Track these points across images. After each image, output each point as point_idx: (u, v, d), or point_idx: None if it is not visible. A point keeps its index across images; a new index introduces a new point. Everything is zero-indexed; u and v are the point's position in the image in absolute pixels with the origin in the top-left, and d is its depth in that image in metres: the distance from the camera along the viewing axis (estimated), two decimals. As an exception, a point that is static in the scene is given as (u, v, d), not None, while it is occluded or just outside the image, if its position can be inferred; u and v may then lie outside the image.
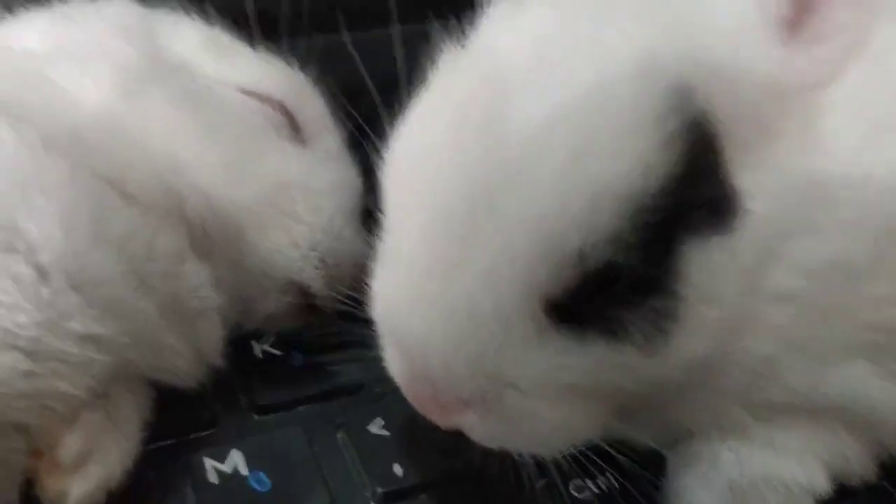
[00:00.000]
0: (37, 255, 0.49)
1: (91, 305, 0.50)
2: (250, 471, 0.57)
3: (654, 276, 0.46)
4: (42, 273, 0.49)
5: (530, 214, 0.45)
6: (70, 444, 0.51)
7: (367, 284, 0.54)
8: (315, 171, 0.62)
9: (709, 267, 0.47)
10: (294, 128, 0.64)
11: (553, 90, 0.46)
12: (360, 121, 0.62)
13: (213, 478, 0.56)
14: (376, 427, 0.60)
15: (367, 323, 0.54)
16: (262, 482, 0.56)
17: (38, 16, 0.63)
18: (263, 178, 0.60)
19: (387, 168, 0.52)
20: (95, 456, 0.52)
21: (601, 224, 0.44)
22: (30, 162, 0.51)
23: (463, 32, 0.53)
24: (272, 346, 0.66)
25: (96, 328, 0.50)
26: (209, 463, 0.57)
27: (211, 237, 0.58)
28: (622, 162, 0.45)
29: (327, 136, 0.66)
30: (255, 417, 0.61)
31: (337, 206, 0.63)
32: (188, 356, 0.57)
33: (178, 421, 0.59)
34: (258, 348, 0.65)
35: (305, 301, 0.62)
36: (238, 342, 0.63)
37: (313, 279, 0.61)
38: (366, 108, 0.63)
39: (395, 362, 0.52)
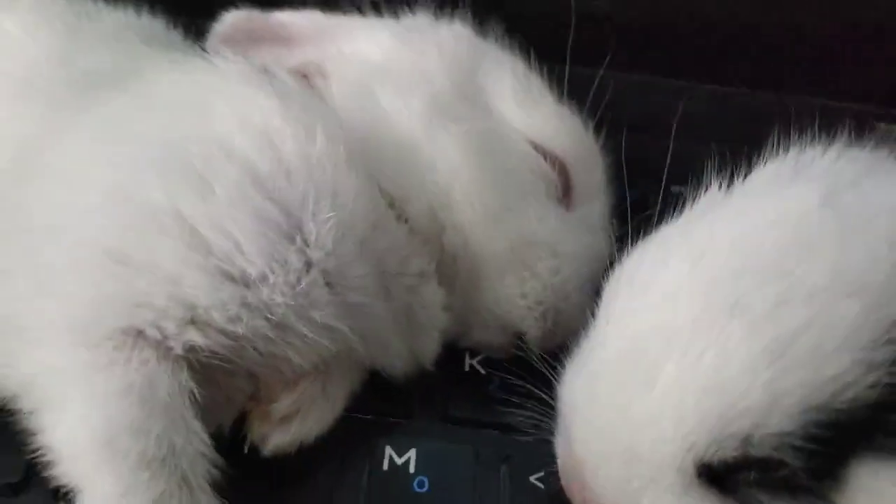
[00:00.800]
0: (308, 251, 0.58)
1: (337, 303, 0.59)
2: (416, 471, 0.65)
3: (816, 482, 0.48)
4: (307, 266, 0.58)
5: (713, 385, 0.48)
6: (284, 403, 0.61)
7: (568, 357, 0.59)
8: (568, 237, 0.67)
9: (874, 488, 0.48)
10: (566, 190, 0.68)
11: (784, 281, 0.48)
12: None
13: (385, 464, 0.65)
14: (535, 477, 0.66)
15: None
16: (422, 486, 0.64)
17: (382, 26, 0.72)
18: (519, 232, 0.65)
19: (614, 276, 0.56)
20: (300, 416, 0.62)
21: (778, 421, 0.47)
22: (329, 172, 0.60)
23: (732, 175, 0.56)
24: (480, 363, 0.73)
25: (335, 322, 0.59)
26: (389, 450, 0.66)
27: (456, 269, 0.65)
28: (823, 372, 0.46)
29: (595, 204, 0.70)
30: (441, 424, 0.69)
31: (575, 272, 0.67)
32: (405, 358, 0.66)
33: (380, 402, 0.68)
34: (468, 362, 0.72)
35: (517, 344, 0.68)
36: (452, 349, 0.70)
37: (531, 329, 0.67)
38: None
39: (560, 445, 0.57)
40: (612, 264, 0.69)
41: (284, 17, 0.73)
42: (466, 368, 0.72)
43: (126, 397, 0.54)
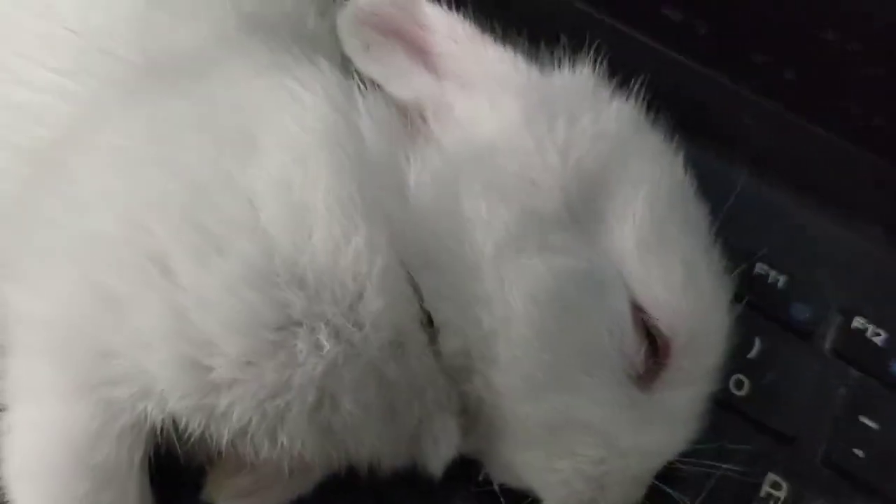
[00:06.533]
0: (296, 369, 0.51)
1: (317, 426, 0.52)
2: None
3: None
4: (288, 383, 0.50)
5: None
6: (241, 482, 0.56)
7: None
8: (631, 428, 0.54)
9: None
10: (653, 372, 0.55)
11: None
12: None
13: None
14: None
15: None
16: None
17: (519, 90, 0.58)
18: (565, 412, 0.53)
19: None
20: (257, 495, 0.57)
21: None
22: (352, 288, 0.52)
23: None
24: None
25: (304, 444, 0.52)
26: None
27: (480, 411, 0.55)
28: None
29: (687, 390, 0.56)
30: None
31: (625, 468, 0.55)
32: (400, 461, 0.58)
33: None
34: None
35: None
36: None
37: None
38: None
39: None
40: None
41: (430, 18, 0.59)
42: (480, 477, 0.63)
43: (62, 446, 0.51)
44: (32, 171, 0.54)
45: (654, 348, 0.55)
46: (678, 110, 0.63)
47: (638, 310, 0.54)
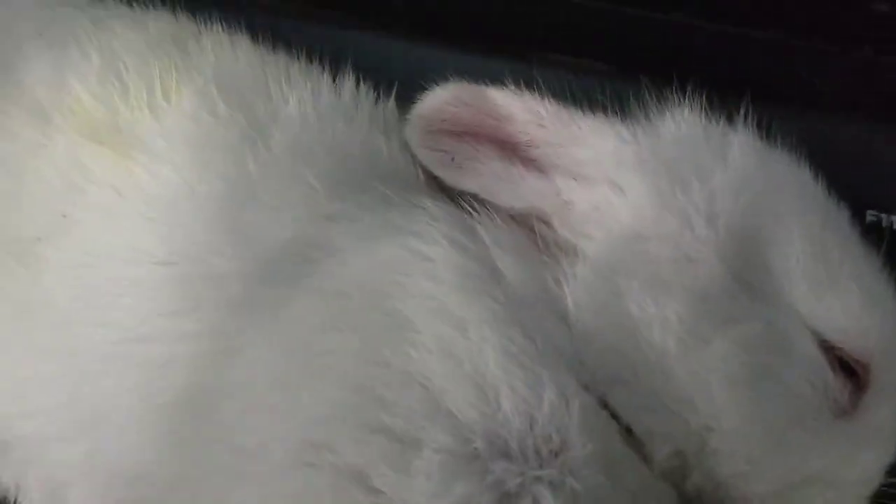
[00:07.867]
0: None
1: None
2: None
3: None
4: None
5: None
6: None
7: None
8: (848, 460, 0.53)
9: None
10: (855, 399, 0.53)
11: None
12: None
13: None
14: None
15: None
16: None
17: (633, 166, 0.54)
18: (792, 473, 0.51)
19: None
20: None
21: None
22: (556, 440, 0.48)
23: None
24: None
25: None
26: None
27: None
28: None
29: (887, 406, 0.54)
30: None
31: (852, 499, 0.54)
32: None
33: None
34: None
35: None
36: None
37: None
38: None
39: None
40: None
41: (502, 107, 0.55)
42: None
43: None
44: (184, 427, 0.50)
45: (855, 377, 0.53)
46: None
47: (828, 348, 0.52)
